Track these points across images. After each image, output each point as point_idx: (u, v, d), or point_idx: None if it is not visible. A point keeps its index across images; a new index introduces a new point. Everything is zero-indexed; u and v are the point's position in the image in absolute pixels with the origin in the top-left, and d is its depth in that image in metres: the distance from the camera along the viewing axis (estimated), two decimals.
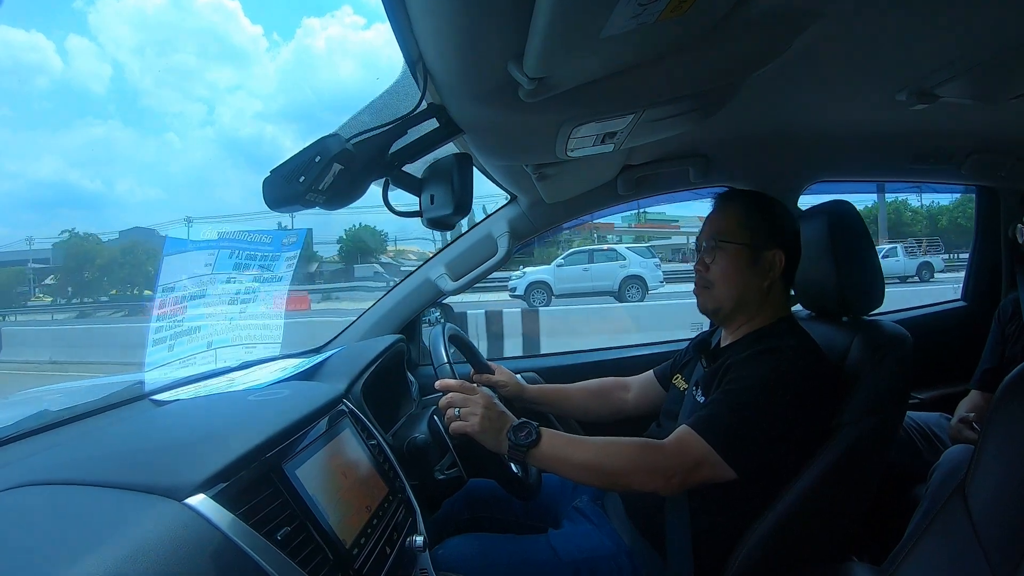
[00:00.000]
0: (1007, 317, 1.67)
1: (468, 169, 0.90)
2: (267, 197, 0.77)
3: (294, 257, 1.40)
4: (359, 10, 31.97)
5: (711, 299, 1.17)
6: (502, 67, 0.70)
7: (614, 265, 12.60)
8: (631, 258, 12.73)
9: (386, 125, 0.83)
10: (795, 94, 1.20)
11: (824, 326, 1.22)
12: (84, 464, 0.72)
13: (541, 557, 1.11)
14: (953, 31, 0.89)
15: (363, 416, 1.07)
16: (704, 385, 1.12)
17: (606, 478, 1.02)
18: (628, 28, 0.61)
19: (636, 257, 12.78)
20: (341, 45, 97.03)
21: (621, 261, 12.68)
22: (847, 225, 1.20)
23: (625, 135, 0.99)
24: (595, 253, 13.37)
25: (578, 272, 12.57)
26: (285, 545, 0.67)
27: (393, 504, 0.95)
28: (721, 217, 1.18)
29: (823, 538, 1.10)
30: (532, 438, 1.00)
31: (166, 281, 1.15)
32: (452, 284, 1.65)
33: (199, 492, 0.64)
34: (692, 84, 0.87)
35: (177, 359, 1.18)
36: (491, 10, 0.60)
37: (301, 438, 0.84)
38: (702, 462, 0.98)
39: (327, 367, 1.31)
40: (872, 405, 1.06)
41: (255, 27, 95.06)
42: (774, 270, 1.13)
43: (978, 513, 0.73)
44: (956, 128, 1.51)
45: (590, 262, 12.84)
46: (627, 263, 12.58)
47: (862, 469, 1.08)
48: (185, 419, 0.97)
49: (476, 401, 1.03)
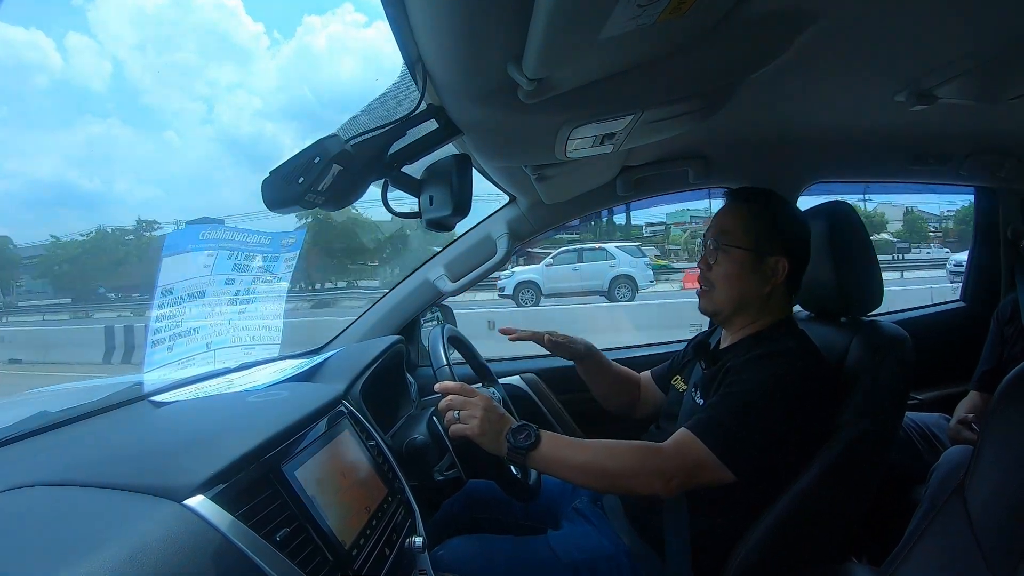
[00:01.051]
0: (1006, 318, 1.67)
1: (467, 170, 0.90)
2: (266, 198, 0.77)
3: (293, 258, 1.40)
4: (360, 7, 32.04)
5: (711, 301, 1.17)
6: (501, 68, 0.70)
7: (603, 264, 12.48)
8: (621, 257, 12.60)
9: (385, 126, 0.83)
10: (794, 95, 1.20)
11: (823, 327, 1.22)
12: (83, 465, 0.72)
13: (540, 558, 1.11)
14: (952, 32, 0.89)
15: (362, 417, 1.07)
16: (703, 387, 1.12)
17: (605, 481, 1.02)
18: (627, 29, 0.61)
19: (626, 256, 12.65)
20: (342, 43, 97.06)
21: (611, 260, 12.54)
22: (846, 226, 1.20)
23: (624, 136, 0.99)
24: (584, 252, 13.17)
25: (567, 272, 12.44)
26: (284, 546, 0.67)
27: (392, 505, 0.95)
28: (728, 217, 1.17)
29: (822, 539, 1.10)
30: (531, 440, 1.00)
31: (165, 282, 1.15)
32: (451, 285, 1.65)
33: (198, 493, 0.64)
34: (691, 85, 0.87)
35: (176, 360, 1.18)
36: (490, 11, 0.60)
37: (300, 439, 0.84)
38: (701, 465, 0.98)
39: (326, 368, 1.31)
40: (871, 406, 1.06)
41: (256, 24, 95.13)
42: (776, 276, 1.12)
43: (977, 514, 0.73)
44: (955, 129, 1.51)
45: (579, 261, 12.73)
46: (616, 262, 12.47)
47: (861, 470, 1.08)
48: (184, 420, 0.97)
49: (475, 403, 1.03)
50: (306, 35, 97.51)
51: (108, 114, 61.78)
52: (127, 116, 64.00)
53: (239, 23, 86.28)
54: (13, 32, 57.88)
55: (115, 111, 62.40)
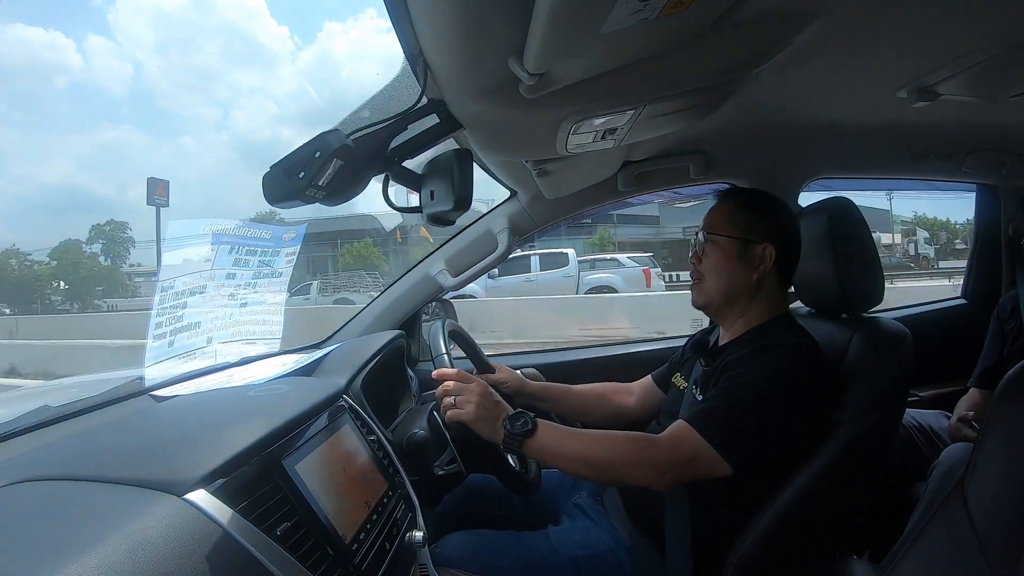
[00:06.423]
0: (1006, 314, 1.67)
1: (468, 165, 0.89)
2: (267, 192, 0.76)
3: (294, 252, 1.40)
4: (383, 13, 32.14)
5: (701, 293, 1.18)
6: (503, 63, 0.69)
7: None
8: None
9: (386, 121, 0.83)
10: (796, 91, 1.20)
11: (823, 323, 1.22)
12: (84, 460, 0.72)
13: (540, 553, 1.12)
14: (954, 29, 0.89)
15: (363, 412, 1.07)
16: (703, 384, 1.12)
17: (600, 470, 1.03)
18: (629, 24, 0.61)
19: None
20: (362, 48, 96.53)
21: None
22: (847, 222, 1.20)
23: (626, 131, 0.99)
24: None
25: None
26: (285, 540, 0.67)
27: (393, 500, 0.95)
28: (714, 212, 1.19)
29: (822, 535, 1.10)
30: (528, 428, 1.00)
31: (166, 276, 1.15)
32: (452, 280, 1.65)
33: (199, 487, 0.64)
34: (693, 80, 0.86)
35: (177, 355, 1.18)
36: (492, 5, 0.60)
37: (301, 433, 0.84)
38: (697, 456, 0.98)
39: (327, 363, 1.31)
40: (871, 402, 1.06)
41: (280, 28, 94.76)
42: (764, 264, 1.13)
43: (977, 511, 0.73)
44: (957, 126, 1.51)
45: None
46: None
47: (861, 466, 1.08)
48: (185, 415, 0.97)
49: (472, 389, 1.04)
50: (326, 40, 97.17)
51: (123, 119, 61.49)
52: (141, 120, 63.68)
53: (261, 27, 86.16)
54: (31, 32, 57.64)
55: (129, 116, 62.09)
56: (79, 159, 55.66)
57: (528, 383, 1.43)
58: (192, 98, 72.98)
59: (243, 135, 72.64)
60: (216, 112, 76.98)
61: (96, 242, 24.28)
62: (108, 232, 24.64)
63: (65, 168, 55.20)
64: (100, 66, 65.21)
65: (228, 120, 75.03)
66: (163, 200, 15.37)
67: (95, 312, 17.94)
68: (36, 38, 59.61)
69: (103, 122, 60.31)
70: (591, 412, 1.45)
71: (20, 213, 47.14)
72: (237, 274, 1.28)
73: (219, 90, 78.52)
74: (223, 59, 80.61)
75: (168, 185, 15.84)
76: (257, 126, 75.38)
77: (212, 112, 76.65)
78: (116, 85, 65.55)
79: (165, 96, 68.71)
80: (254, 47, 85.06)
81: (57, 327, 12.93)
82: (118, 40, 70.89)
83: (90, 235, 24.44)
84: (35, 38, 59.60)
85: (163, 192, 15.50)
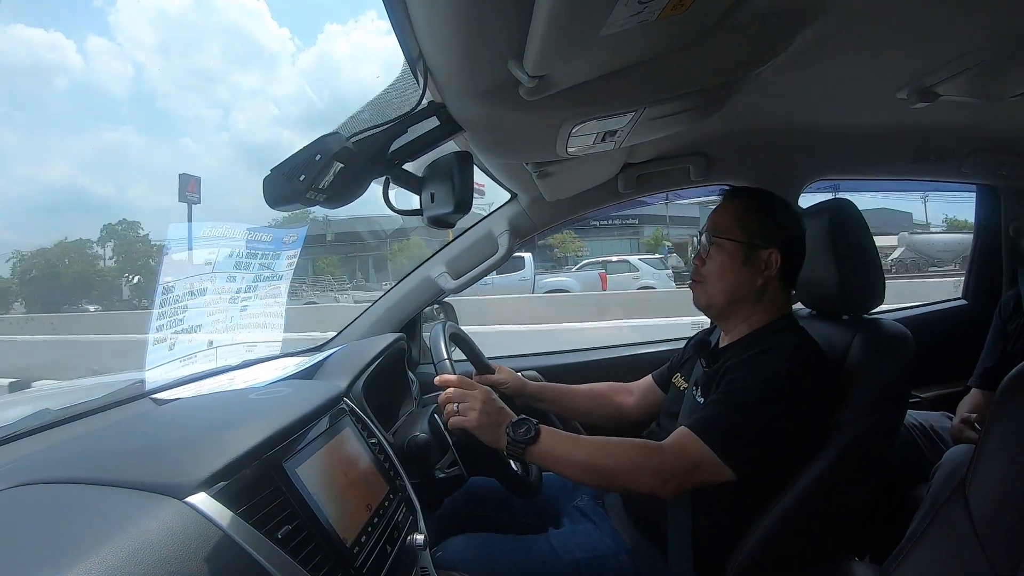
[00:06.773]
0: (1008, 313, 1.67)
1: (468, 167, 0.89)
2: (267, 196, 0.76)
3: (295, 255, 1.40)
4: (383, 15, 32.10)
5: (703, 294, 1.17)
6: (502, 65, 0.69)
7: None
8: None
9: (386, 123, 0.83)
10: (796, 92, 1.20)
11: (824, 324, 1.21)
12: (85, 463, 0.72)
13: (542, 557, 1.11)
14: (954, 29, 0.89)
15: (364, 415, 1.07)
16: (703, 386, 1.12)
17: (603, 478, 1.02)
18: (629, 26, 0.61)
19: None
20: (363, 50, 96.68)
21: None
22: (848, 223, 1.20)
23: (626, 133, 0.99)
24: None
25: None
26: (286, 543, 0.67)
27: (394, 503, 0.95)
28: (720, 214, 1.17)
29: (824, 537, 1.10)
30: (531, 435, 1.00)
31: (167, 279, 1.15)
32: (453, 283, 1.65)
33: (200, 490, 0.64)
34: (693, 82, 0.86)
35: (178, 358, 1.18)
36: (491, 8, 0.60)
37: (302, 436, 0.84)
38: (700, 464, 0.98)
39: (328, 365, 1.31)
40: (873, 404, 1.06)
41: (280, 30, 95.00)
42: (769, 269, 1.12)
43: (978, 512, 0.73)
44: (957, 126, 1.51)
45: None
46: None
47: (863, 468, 1.07)
48: (186, 418, 0.97)
49: (475, 396, 1.03)
50: (327, 42, 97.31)
51: (123, 120, 61.63)
52: (142, 122, 63.86)
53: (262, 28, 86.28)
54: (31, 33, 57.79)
55: (130, 117, 62.22)
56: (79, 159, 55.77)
57: (528, 384, 1.43)
58: (193, 99, 73.05)
59: (243, 136, 72.77)
60: (216, 113, 77.05)
61: (109, 242, 24.07)
62: (120, 232, 24.40)
63: (65, 168, 55.29)
64: (100, 67, 65.29)
65: (228, 121, 75.15)
66: (195, 196, 15.00)
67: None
68: (37, 39, 59.72)
69: (103, 123, 60.38)
70: (591, 412, 1.45)
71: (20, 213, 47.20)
72: (238, 277, 1.28)
73: (220, 91, 78.61)
74: (224, 60, 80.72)
75: (200, 181, 15.54)
76: (257, 127, 75.53)
77: (212, 113, 76.74)
78: (116, 86, 65.63)
79: (166, 97, 68.79)
80: (255, 48, 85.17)
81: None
82: (119, 41, 71.01)
83: (101, 235, 24.20)
84: (36, 39, 59.72)
85: (195, 188, 15.12)
